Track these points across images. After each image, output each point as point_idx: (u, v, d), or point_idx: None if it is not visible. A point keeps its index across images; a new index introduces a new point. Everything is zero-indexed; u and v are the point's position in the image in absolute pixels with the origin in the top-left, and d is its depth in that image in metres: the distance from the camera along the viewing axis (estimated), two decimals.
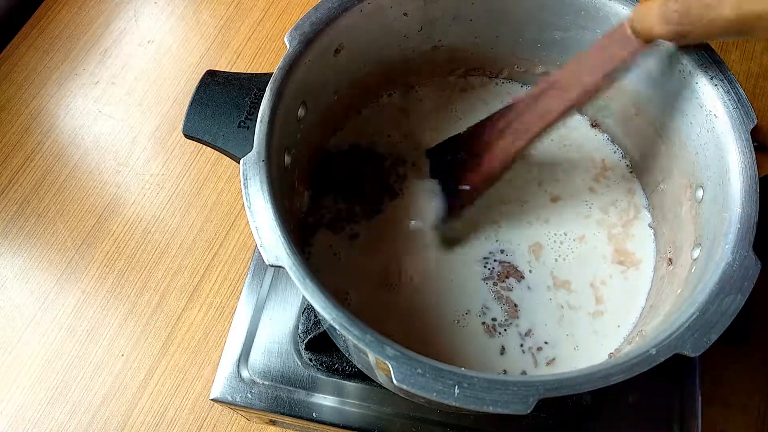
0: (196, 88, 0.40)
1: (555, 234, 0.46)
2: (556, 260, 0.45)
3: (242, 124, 0.38)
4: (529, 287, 0.44)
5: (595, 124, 0.50)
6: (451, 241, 0.45)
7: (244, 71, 0.42)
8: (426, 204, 0.46)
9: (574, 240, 0.45)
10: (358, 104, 0.50)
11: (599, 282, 0.44)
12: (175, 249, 0.63)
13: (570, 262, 0.45)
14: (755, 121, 0.36)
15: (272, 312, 0.50)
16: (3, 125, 0.70)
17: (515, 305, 0.43)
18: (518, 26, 0.46)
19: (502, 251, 0.45)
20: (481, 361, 0.41)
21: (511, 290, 0.44)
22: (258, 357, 0.48)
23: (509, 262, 0.45)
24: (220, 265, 0.62)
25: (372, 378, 0.43)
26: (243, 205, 0.34)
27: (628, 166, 0.49)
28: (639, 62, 0.38)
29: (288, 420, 0.48)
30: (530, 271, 0.44)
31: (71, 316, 0.60)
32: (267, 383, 0.47)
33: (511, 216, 0.46)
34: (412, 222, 0.46)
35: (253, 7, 0.78)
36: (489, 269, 0.44)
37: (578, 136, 0.50)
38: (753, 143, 0.35)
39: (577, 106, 0.40)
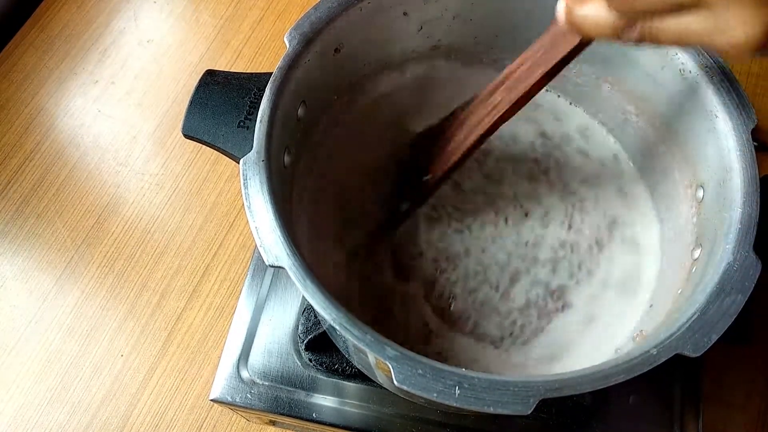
0: (195, 87, 0.40)
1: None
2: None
3: (242, 123, 0.38)
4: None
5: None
6: None
7: (244, 71, 0.42)
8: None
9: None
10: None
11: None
12: (174, 249, 0.63)
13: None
14: (756, 120, 0.36)
15: (272, 312, 0.49)
16: (2, 125, 0.69)
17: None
18: (518, 26, 0.46)
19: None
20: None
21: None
22: (258, 357, 0.48)
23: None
24: (220, 265, 0.62)
25: (372, 378, 0.43)
26: (243, 205, 0.33)
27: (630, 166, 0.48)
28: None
29: (288, 420, 0.48)
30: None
31: (70, 316, 0.60)
32: (267, 384, 0.47)
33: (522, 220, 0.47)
34: None
35: (252, 6, 0.77)
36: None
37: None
38: (753, 143, 0.35)
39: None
